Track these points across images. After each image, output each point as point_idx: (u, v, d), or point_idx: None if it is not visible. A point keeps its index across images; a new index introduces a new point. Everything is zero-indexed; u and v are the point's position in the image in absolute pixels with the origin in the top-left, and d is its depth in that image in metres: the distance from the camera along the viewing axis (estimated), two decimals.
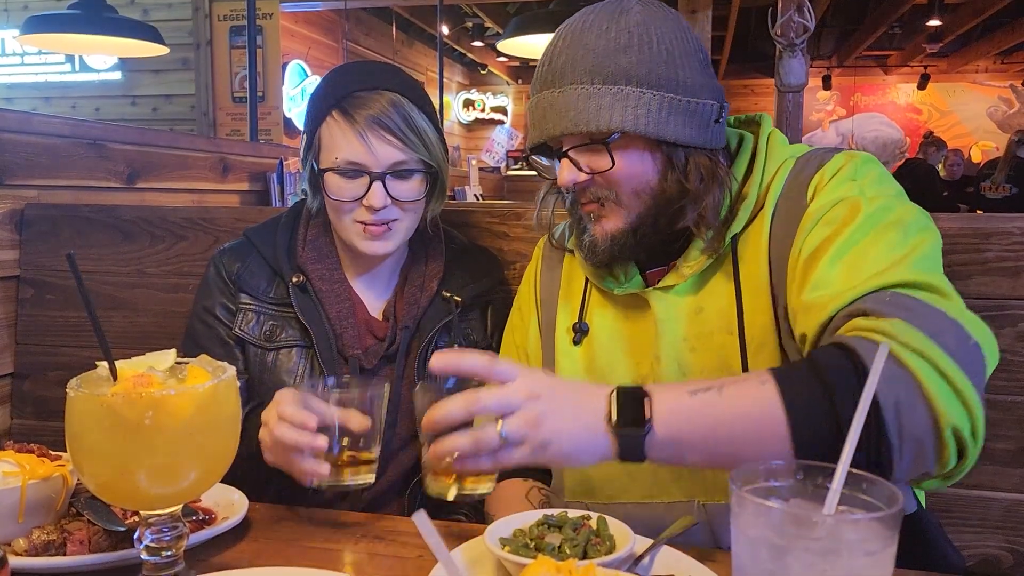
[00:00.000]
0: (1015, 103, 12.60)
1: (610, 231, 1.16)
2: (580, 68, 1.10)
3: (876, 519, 0.65)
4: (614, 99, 1.09)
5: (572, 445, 0.90)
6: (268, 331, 1.42)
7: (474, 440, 0.90)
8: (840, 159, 1.13)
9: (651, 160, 1.13)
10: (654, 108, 1.09)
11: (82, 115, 6.12)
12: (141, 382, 0.84)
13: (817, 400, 0.86)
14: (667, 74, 1.10)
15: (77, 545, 0.98)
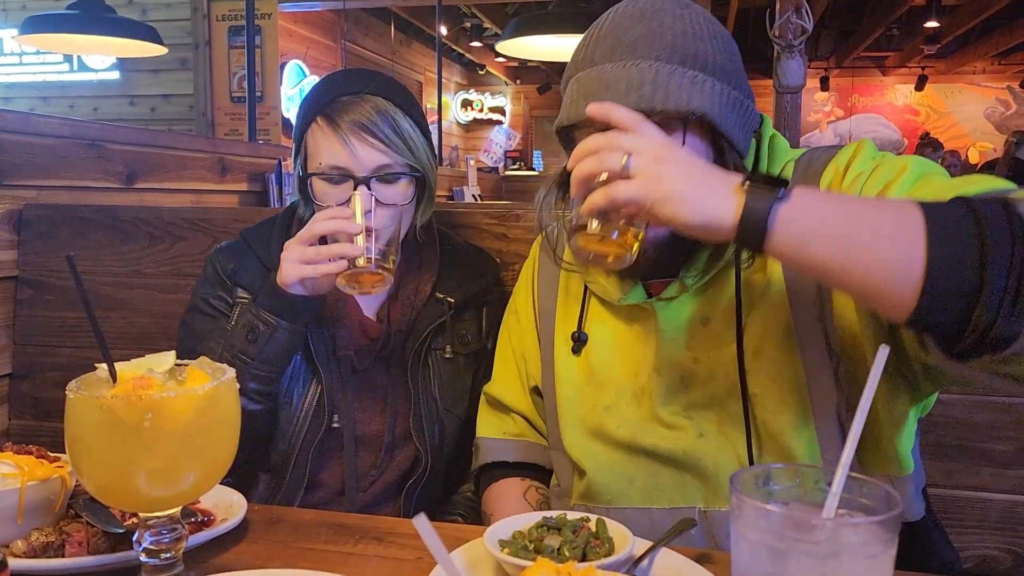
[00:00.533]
0: (1012, 104, 12.62)
1: (650, 238, 1.06)
2: (659, 45, 1.06)
3: (876, 522, 0.65)
4: (692, 82, 1.05)
5: (688, 189, 0.84)
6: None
7: (599, 158, 0.88)
8: (852, 145, 1.13)
9: (701, 150, 1.08)
10: (723, 101, 1.06)
11: (80, 115, 6.11)
12: (140, 384, 0.84)
13: (956, 209, 0.80)
14: (733, 72, 1.09)
15: (76, 547, 0.98)
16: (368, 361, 1.44)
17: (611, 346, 1.22)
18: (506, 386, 1.38)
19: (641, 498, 1.17)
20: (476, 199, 6.12)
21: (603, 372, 1.22)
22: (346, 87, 1.39)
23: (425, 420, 1.43)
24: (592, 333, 1.24)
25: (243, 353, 1.31)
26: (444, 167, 7.23)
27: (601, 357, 1.23)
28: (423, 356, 1.45)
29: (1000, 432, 1.43)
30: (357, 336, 1.44)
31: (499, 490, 1.34)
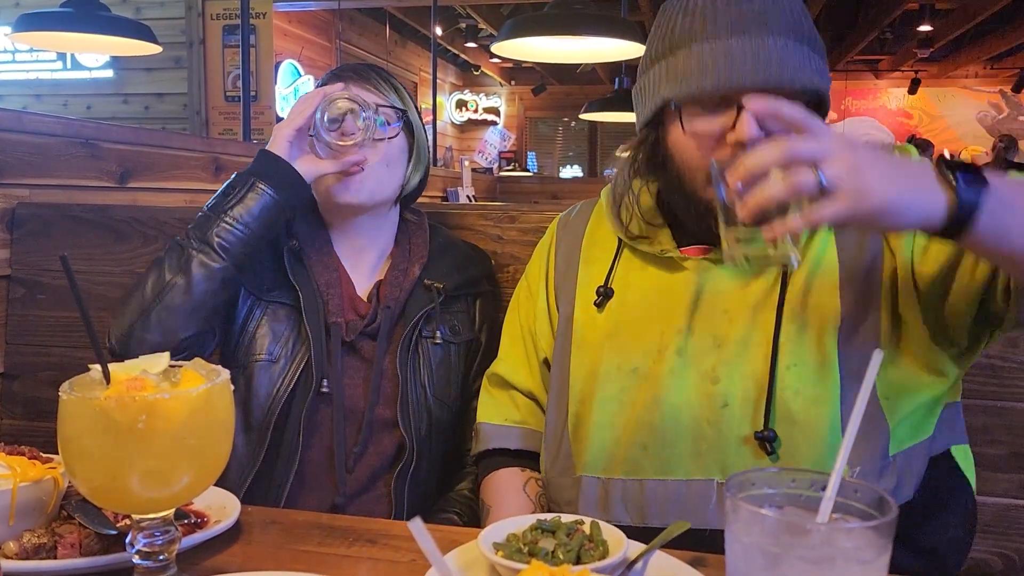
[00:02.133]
0: (1004, 108, 12.69)
1: None
2: (780, 20, 1.06)
3: (870, 527, 0.65)
4: (809, 60, 1.06)
5: (898, 195, 0.81)
6: (266, 285, 1.47)
7: (790, 184, 0.81)
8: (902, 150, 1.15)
9: None
10: (824, 77, 1.09)
11: (73, 113, 6.09)
12: (134, 385, 0.84)
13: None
14: (821, 46, 1.10)
15: (68, 548, 0.97)
16: (355, 334, 1.45)
17: (639, 303, 1.21)
18: (513, 365, 1.37)
19: (656, 469, 1.14)
20: (471, 200, 6.12)
21: (629, 329, 1.20)
22: (348, 67, 1.52)
23: (412, 407, 1.44)
24: (619, 289, 1.23)
25: (215, 208, 1.37)
26: (439, 168, 7.22)
27: (628, 313, 1.21)
28: (413, 342, 1.46)
29: (992, 436, 1.43)
30: (347, 310, 1.47)
31: (498, 481, 1.33)
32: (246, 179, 1.38)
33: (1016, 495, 1.44)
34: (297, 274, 1.46)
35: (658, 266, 1.22)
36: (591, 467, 1.19)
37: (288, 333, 1.44)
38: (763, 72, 1.03)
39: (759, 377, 1.11)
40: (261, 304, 1.46)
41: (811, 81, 1.06)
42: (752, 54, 1.04)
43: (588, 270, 1.29)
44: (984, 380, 1.42)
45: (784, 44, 1.04)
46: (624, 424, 1.17)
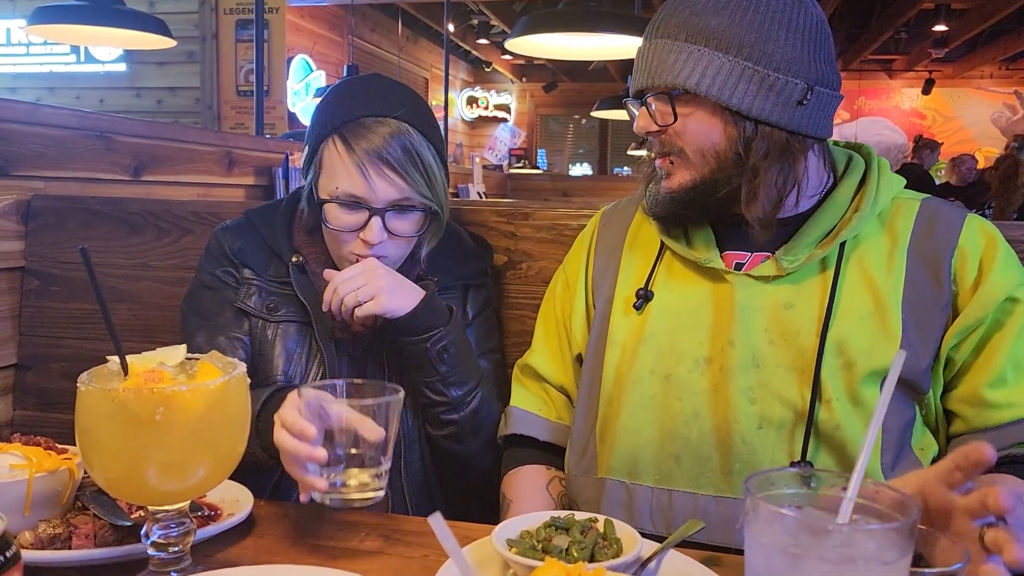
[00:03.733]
0: (1019, 109, 12.60)
1: (672, 187, 1.18)
2: (673, 23, 1.14)
3: (892, 529, 0.65)
4: (688, 57, 1.12)
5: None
6: (270, 305, 1.44)
7: None
8: (981, 226, 1.16)
9: (719, 124, 1.14)
10: (723, 73, 1.11)
11: (86, 106, 6.11)
12: (152, 378, 0.84)
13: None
14: (751, 42, 1.11)
15: (83, 539, 0.98)
16: (360, 349, 1.44)
17: (677, 310, 1.20)
18: (547, 358, 1.37)
19: (687, 481, 1.14)
20: (481, 196, 6.12)
21: (665, 336, 1.19)
22: (370, 106, 1.35)
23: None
24: (659, 293, 1.23)
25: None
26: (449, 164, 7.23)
27: (665, 320, 1.20)
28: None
29: None
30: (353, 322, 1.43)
31: (521, 477, 1.32)
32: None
33: None
34: (304, 289, 1.43)
35: (700, 274, 1.21)
36: (617, 471, 1.19)
37: (300, 350, 1.43)
38: (642, 71, 1.17)
39: (798, 406, 1.10)
40: (271, 326, 1.44)
41: (674, 78, 1.12)
42: (643, 56, 1.18)
43: (629, 270, 1.29)
44: None
45: (663, 45, 1.14)
46: (657, 432, 1.16)
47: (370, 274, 1.32)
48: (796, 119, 1.13)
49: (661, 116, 1.15)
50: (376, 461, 1.00)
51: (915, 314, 1.11)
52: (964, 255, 1.13)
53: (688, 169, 1.16)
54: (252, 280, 1.45)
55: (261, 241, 1.47)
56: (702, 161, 1.15)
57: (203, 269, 1.49)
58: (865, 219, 1.15)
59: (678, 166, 1.17)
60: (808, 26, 1.13)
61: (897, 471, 1.09)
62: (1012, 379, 1.08)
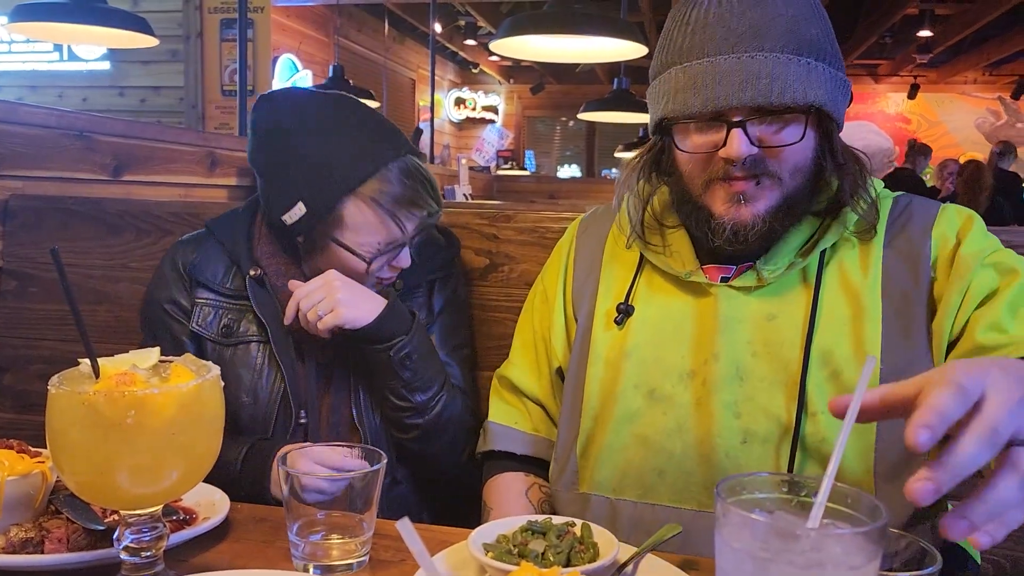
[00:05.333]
0: (1003, 115, 12.71)
1: (761, 211, 1.09)
2: (774, 33, 1.05)
3: (860, 533, 0.65)
4: (807, 71, 1.05)
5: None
6: (226, 325, 1.43)
7: None
8: (957, 211, 1.16)
9: (814, 137, 1.11)
10: (831, 84, 1.08)
11: (69, 105, 6.06)
12: (124, 380, 0.83)
13: None
14: (834, 50, 1.10)
15: (55, 543, 0.97)
16: (327, 357, 1.43)
17: (660, 323, 1.19)
18: (524, 371, 1.36)
19: (671, 496, 1.14)
20: (467, 198, 6.11)
21: (647, 350, 1.18)
22: (379, 155, 1.35)
23: (365, 405, 1.42)
24: (640, 307, 1.21)
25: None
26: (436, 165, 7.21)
27: (646, 334, 1.19)
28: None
29: None
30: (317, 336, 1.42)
31: (501, 484, 1.32)
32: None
33: None
34: (262, 304, 1.41)
35: (681, 287, 1.20)
36: (602, 486, 1.18)
37: (261, 367, 1.41)
38: (751, 90, 1.04)
39: (783, 419, 1.09)
40: (228, 348, 1.42)
41: (804, 95, 1.04)
42: (740, 72, 1.04)
43: (608, 283, 1.27)
44: None
45: (775, 59, 1.04)
46: (641, 446, 1.16)
47: (328, 287, 1.33)
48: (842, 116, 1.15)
49: (774, 137, 1.07)
50: (360, 530, 0.99)
51: (895, 307, 1.11)
52: (944, 240, 1.13)
53: (778, 188, 1.10)
54: (206, 300, 1.44)
55: (218, 250, 1.46)
56: (793, 178, 1.10)
57: (152, 292, 1.48)
58: (840, 229, 1.15)
59: (766, 187, 1.10)
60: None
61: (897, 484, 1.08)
62: (1008, 323, 1.04)
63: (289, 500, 0.98)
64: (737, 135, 1.05)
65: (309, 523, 0.98)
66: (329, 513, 0.99)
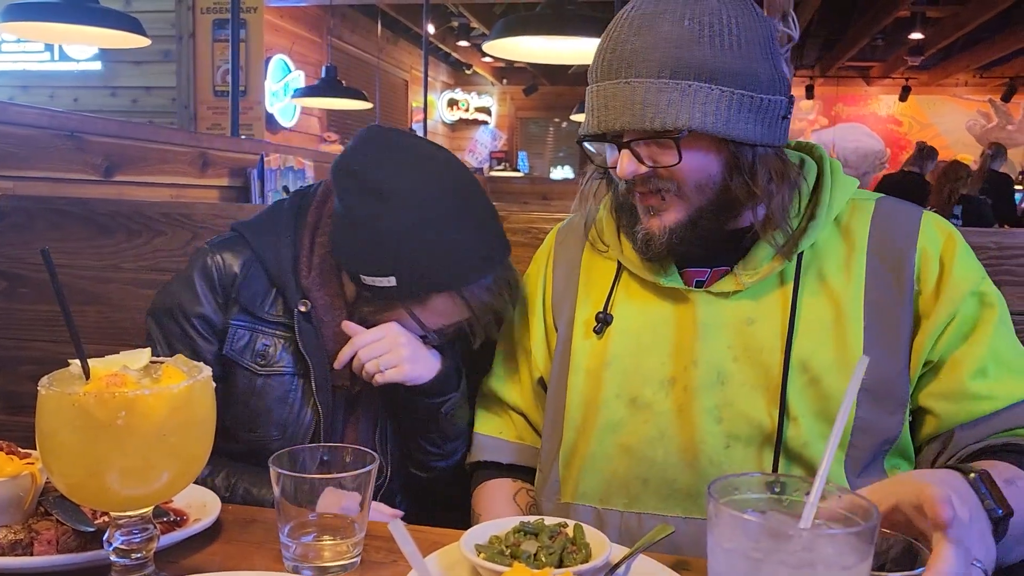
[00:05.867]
0: (994, 117, 12.77)
1: (668, 224, 1.12)
2: (651, 59, 1.06)
3: (852, 533, 0.65)
4: (683, 95, 1.05)
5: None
6: (261, 352, 1.33)
7: None
8: (937, 223, 1.16)
9: (716, 158, 1.10)
10: (723, 106, 1.06)
11: (60, 105, 6.04)
12: (114, 381, 0.83)
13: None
14: (740, 68, 1.07)
15: (45, 545, 0.96)
16: (354, 393, 1.39)
17: (639, 331, 1.19)
18: (505, 380, 1.36)
19: (656, 503, 1.14)
20: None
21: (628, 358, 1.18)
22: (485, 267, 1.28)
23: (388, 438, 1.41)
24: (618, 316, 1.21)
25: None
26: None
27: (626, 342, 1.19)
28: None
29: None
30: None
31: (489, 490, 1.33)
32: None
33: None
34: (307, 339, 1.32)
35: (660, 294, 1.20)
36: (588, 496, 1.18)
37: (293, 399, 1.34)
38: (628, 115, 1.07)
39: (765, 424, 1.10)
40: (260, 378, 1.33)
41: (675, 119, 1.05)
42: (619, 97, 1.08)
43: (587, 292, 1.27)
44: None
45: (650, 85, 1.06)
46: (625, 455, 1.16)
47: (392, 341, 1.28)
48: (781, 134, 1.13)
49: (654, 158, 1.10)
50: (351, 533, 0.98)
51: (878, 317, 1.11)
52: (926, 254, 1.13)
53: (683, 203, 1.12)
54: (242, 324, 1.33)
55: (259, 271, 1.34)
56: (700, 195, 1.11)
57: (176, 304, 1.34)
58: (820, 226, 1.14)
59: (671, 202, 1.12)
60: (772, 39, 1.12)
61: (865, 479, 1.09)
62: (993, 372, 1.08)
63: (280, 502, 0.97)
64: (624, 156, 1.10)
65: (301, 524, 0.98)
66: (321, 515, 0.98)
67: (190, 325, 1.34)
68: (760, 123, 1.09)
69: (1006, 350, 1.10)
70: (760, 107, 1.08)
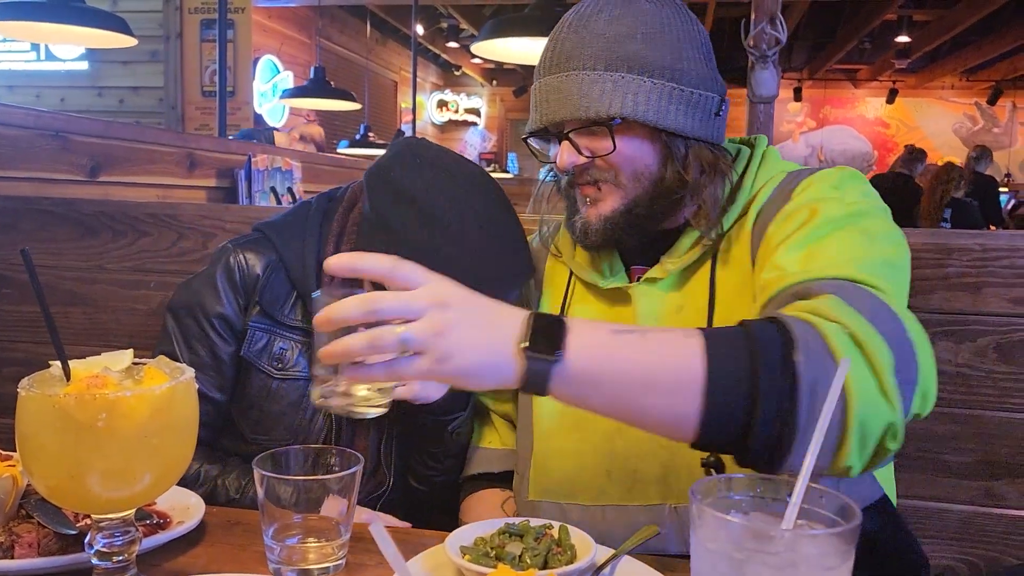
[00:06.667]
0: (979, 120, 12.87)
1: (605, 213, 1.17)
2: (586, 54, 1.12)
3: (834, 534, 0.65)
4: (616, 85, 1.11)
5: (476, 362, 0.82)
6: (278, 355, 1.33)
7: (370, 339, 0.80)
8: (830, 171, 1.15)
9: (651, 147, 1.14)
10: (655, 96, 1.11)
11: (47, 105, 6.00)
12: (95, 383, 0.82)
13: (739, 363, 0.83)
14: (671, 64, 1.12)
15: (26, 548, 0.96)
16: None
17: None
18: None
19: (620, 495, 1.16)
20: None
21: None
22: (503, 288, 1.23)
23: (395, 447, 1.40)
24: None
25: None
26: None
27: None
28: None
29: (960, 443, 1.45)
30: None
31: (477, 499, 1.35)
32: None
33: (982, 503, 1.45)
34: None
35: (603, 297, 1.25)
36: (552, 492, 1.21)
37: (307, 404, 1.32)
38: (567, 106, 1.12)
39: None
40: (275, 381, 1.33)
41: (608, 108, 1.10)
42: (558, 90, 1.13)
43: (548, 298, 1.32)
44: (952, 388, 1.43)
45: (585, 76, 1.11)
46: (589, 450, 1.19)
47: None
48: (715, 131, 1.17)
49: (591, 147, 1.15)
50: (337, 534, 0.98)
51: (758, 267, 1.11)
52: (807, 183, 1.12)
53: (620, 192, 1.16)
54: (261, 326, 1.33)
55: (284, 275, 1.34)
56: (636, 184, 1.16)
57: (197, 303, 1.33)
58: (734, 213, 1.17)
59: (607, 192, 1.17)
60: (705, 41, 1.18)
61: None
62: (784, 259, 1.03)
63: (264, 503, 0.97)
64: (564, 146, 1.16)
65: (285, 527, 0.97)
66: (306, 516, 0.98)
67: (209, 324, 1.33)
68: (691, 116, 1.14)
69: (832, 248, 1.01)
70: (691, 101, 1.13)
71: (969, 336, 1.42)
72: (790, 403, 0.80)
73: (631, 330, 0.88)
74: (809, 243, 1.02)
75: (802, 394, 0.80)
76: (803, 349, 0.81)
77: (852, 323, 0.84)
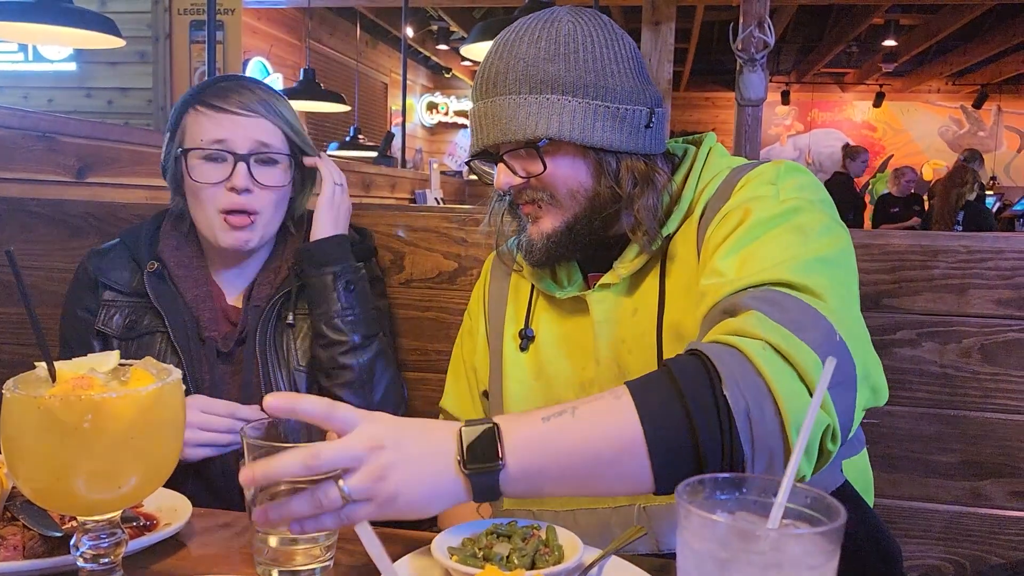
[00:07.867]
0: (965, 123, 12.97)
1: (546, 230, 1.19)
2: (511, 78, 1.14)
3: (819, 533, 0.65)
4: (540, 107, 1.13)
5: (423, 494, 0.85)
6: (129, 323, 1.47)
7: (314, 502, 0.82)
8: (768, 166, 1.16)
9: (583, 164, 1.16)
10: (579, 115, 1.13)
11: (34, 106, 5.96)
12: (81, 384, 0.82)
13: (672, 412, 0.85)
14: (595, 81, 1.13)
15: (11, 550, 0.95)
16: (231, 344, 1.46)
17: (556, 341, 1.27)
18: (456, 398, 1.42)
19: (590, 499, 1.18)
20: (438, 202, 6.10)
21: (551, 367, 1.26)
22: (224, 78, 1.48)
23: (277, 387, 1.44)
24: (539, 330, 1.29)
25: None
26: (408, 170, 7.19)
27: (548, 353, 1.27)
28: (273, 327, 1.47)
29: (945, 444, 1.46)
30: (221, 321, 1.48)
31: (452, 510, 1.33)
32: None
33: (967, 502, 1.46)
34: (160, 295, 1.46)
35: (562, 307, 1.27)
36: (527, 501, 1.22)
37: (162, 353, 1.45)
38: (495, 130, 1.15)
39: None
40: (132, 343, 1.46)
41: (534, 129, 1.12)
42: (487, 115, 1.17)
43: (513, 311, 1.34)
44: (937, 388, 1.44)
45: (509, 101, 1.14)
46: None
47: None
48: (647, 142, 1.18)
49: (525, 169, 1.17)
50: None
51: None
52: (745, 180, 1.13)
53: (559, 210, 1.18)
54: (111, 301, 1.49)
55: (124, 253, 1.52)
56: (573, 201, 1.17)
57: (64, 304, 1.54)
58: (680, 213, 1.19)
59: (547, 210, 1.19)
60: (630, 55, 1.18)
61: None
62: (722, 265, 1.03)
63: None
64: (500, 169, 1.19)
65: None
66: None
67: (76, 318, 1.50)
68: (620, 131, 1.15)
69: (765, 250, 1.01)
70: (618, 116, 1.14)
71: (954, 337, 1.43)
72: (730, 435, 0.84)
73: (560, 411, 0.89)
74: (743, 247, 1.03)
75: (739, 423, 0.84)
76: (729, 380, 0.85)
77: (775, 337, 0.87)
